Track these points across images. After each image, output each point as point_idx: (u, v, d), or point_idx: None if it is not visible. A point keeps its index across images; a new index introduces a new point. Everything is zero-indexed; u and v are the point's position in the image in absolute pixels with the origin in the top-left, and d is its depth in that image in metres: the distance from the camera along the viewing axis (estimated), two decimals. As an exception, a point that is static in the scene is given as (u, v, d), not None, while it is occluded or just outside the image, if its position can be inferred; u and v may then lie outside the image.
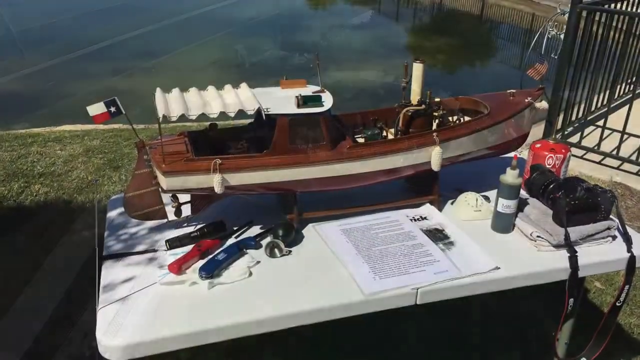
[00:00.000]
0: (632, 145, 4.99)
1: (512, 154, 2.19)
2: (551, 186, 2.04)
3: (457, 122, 2.35)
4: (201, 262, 1.80)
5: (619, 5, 5.34)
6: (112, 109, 1.80)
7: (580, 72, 5.05)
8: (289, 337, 1.68)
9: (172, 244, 1.91)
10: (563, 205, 1.94)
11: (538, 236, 1.96)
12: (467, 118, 2.36)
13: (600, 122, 5.17)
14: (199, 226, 2.01)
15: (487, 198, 2.21)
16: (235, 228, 2.03)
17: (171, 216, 2.04)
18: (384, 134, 2.26)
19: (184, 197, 2.06)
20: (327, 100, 1.98)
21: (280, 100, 1.96)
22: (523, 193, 2.10)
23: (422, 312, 1.87)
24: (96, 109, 1.79)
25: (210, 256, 1.83)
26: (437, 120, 2.21)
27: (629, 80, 6.27)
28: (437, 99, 2.24)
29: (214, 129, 2.11)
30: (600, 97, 5.71)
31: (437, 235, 2.01)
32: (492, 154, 2.29)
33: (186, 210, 2.06)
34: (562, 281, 1.88)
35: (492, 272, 1.82)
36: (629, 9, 5.54)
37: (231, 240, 1.94)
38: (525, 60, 9.69)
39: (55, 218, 3.92)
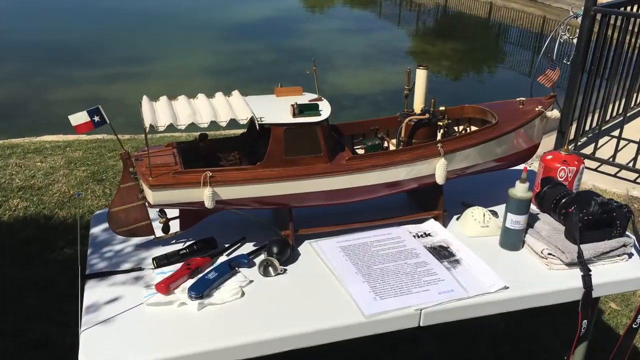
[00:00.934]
0: (649, 157, 5.00)
1: (521, 167, 2.20)
2: (563, 200, 2.05)
3: (463, 132, 2.36)
4: (190, 282, 1.80)
5: (635, 8, 5.37)
6: (96, 118, 1.80)
7: (595, 78, 5.07)
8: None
9: (160, 262, 1.91)
10: (576, 221, 1.94)
11: (549, 254, 1.96)
12: (473, 128, 2.37)
13: (616, 133, 5.19)
14: (188, 243, 2.01)
15: (495, 213, 2.21)
16: (226, 245, 2.03)
17: (158, 232, 2.04)
18: (385, 144, 2.27)
19: (172, 212, 2.06)
20: (325, 109, 1.98)
21: (275, 108, 1.96)
22: (533, 208, 2.11)
23: (426, 334, 1.87)
24: (79, 118, 1.79)
25: (200, 275, 1.82)
26: (441, 130, 2.22)
27: (646, 88, 6.30)
28: (441, 108, 2.25)
29: (204, 139, 2.11)
30: (615, 105, 5.73)
31: (442, 253, 2.02)
32: (501, 167, 2.30)
33: (174, 226, 2.06)
34: (574, 302, 1.88)
35: (501, 292, 1.83)
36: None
37: (222, 258, 1.94)
38: (535, 66, 9.74)
39: (35, 234, 3.92)
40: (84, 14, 13.62)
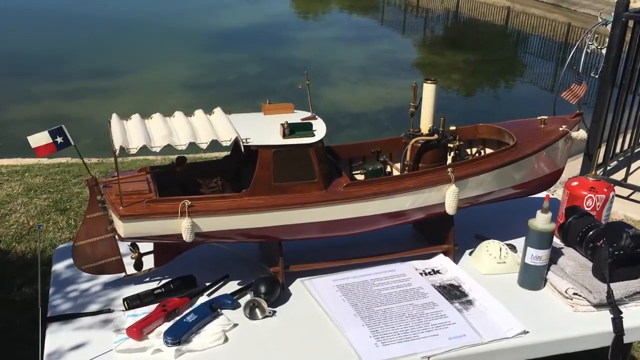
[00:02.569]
0: (688, 184, 5.00)
1: (543, 194, 2.21)
2: (591, 233, 2.06)
3: (477, 155, 2.37)
4: (166, 325, 1.80)
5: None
6: (59, 140, 1.81)
7: (626, 94, 5.08)
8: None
9: (131, 303, 1.91)
10: (605, 256, 1.95)
11: (575, 293, 1.97)
12: (488, 150, 2.39)
13: (651, 155, 5.20)
14: (163, 282, 2.01)
15: (513, 247, 2.22)
16: (207, 284, 2.03)
17: (130, 269, 2.04)
18: (388, 169, 2.28)
19: (145, 247, 2.07)
20: (319, 129, 2.00)
21: (263, 128, 1.98)
22: (557, 241, 2.12)
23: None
24: (39, 139, 1.80)
25: (178, 318, 1.83)
26: (452, 153, 2.22)
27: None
28: (452, 127, 2.25)
29: (182, 163, 2.12)
30: (650, 124, 5.74)
31: (453, 293, 2.02)
32: (519, 194, 2.31)
33: (148, 263, 2.07)
34: (603, 348, 1.89)
35: (519, 337, 1.83)
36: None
37: (203, 299, 1.94)
38: (559, 80, 9.79)
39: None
40: (45, 20, 13.63)
